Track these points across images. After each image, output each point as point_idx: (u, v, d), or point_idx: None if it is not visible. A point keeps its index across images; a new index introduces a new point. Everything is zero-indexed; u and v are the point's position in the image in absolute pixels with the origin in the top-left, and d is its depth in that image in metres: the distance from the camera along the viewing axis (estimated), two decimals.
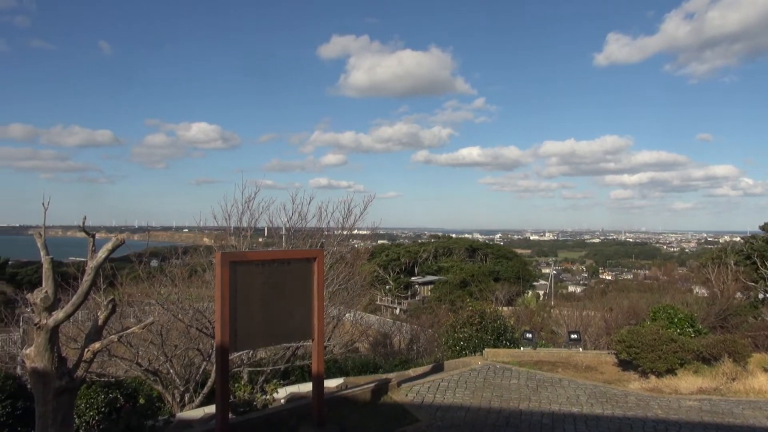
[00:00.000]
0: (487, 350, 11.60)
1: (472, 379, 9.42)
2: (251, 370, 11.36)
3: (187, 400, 10.27)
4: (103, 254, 5.29)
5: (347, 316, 15.25)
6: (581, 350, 11.77)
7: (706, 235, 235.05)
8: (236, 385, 9.25)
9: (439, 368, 10.19)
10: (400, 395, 8.19)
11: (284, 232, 13.11)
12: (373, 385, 8.16)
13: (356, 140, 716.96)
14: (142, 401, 9.57)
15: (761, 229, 29.36)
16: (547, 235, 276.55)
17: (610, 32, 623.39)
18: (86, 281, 5.22)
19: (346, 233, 14.07)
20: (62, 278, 6.72)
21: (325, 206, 13.54)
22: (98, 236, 5.60)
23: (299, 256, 6.64)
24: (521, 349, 11.62)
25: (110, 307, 5.52)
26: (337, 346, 14.25)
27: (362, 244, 18.02)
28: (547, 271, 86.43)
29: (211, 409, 8.28)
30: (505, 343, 13.56)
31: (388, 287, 63.15)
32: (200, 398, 10.25)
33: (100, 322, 5.47)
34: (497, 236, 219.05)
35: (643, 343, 9.84)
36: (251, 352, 11.10)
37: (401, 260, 70.73)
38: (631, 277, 79.48)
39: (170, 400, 10.25)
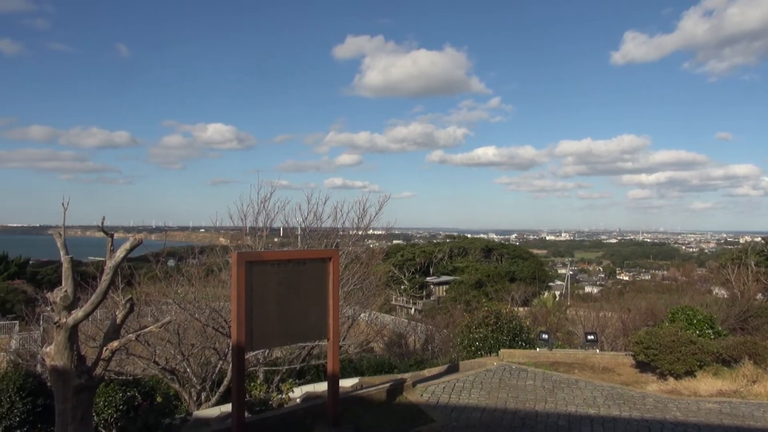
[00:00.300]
0: (502, 351, 11.52)
1: (487, 379, 9.36)
2: (267, 369, 11.43)
3: (203, 398, 10.35)
4: (121, 254, 5.37)
5: (362, 316, 15.24)
6: (598, 351, 11.64)
7: (725, 235, 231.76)
8: (252, 384, 9.31)
9: (454, 368, 10.14)
10: (415, 395, 8.17)
11: (300, 232, 13.16)
12: (388, 385, 8.16)
13: (371, 140, 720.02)
14: (159, 399, 9.69)
15: None
16: (563, 235, 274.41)
17: (627, 30, 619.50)
18: (105, 280, 5.29)
19: (361, 233, 14.08)
20: (81, 277, 6.81)
21: (340, 206, 13.57)
22: (116, 236, 5.66)
23: (314, 256, 6.67)
24: (537, 349, 11.52)
25: (128, 306, 5.59)
26: (352, 345, 14.25)
27: (377, 244, 18.00)
28: (563, 271, 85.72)
29: (227, 407, 8.33)
30: (520, 343, 13.45)
31: (403, 287, 62.97)
32: (216, 397, 10.32)
33: (118, 321, 5.54)
34: (513, 236, 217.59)
35: (661, 344, 9.70)
36: (267, 351, 11.15)
37: (416, 260, 70.47)
38: (648, 277, 78.73)
39: (187, 398, 10.34)
